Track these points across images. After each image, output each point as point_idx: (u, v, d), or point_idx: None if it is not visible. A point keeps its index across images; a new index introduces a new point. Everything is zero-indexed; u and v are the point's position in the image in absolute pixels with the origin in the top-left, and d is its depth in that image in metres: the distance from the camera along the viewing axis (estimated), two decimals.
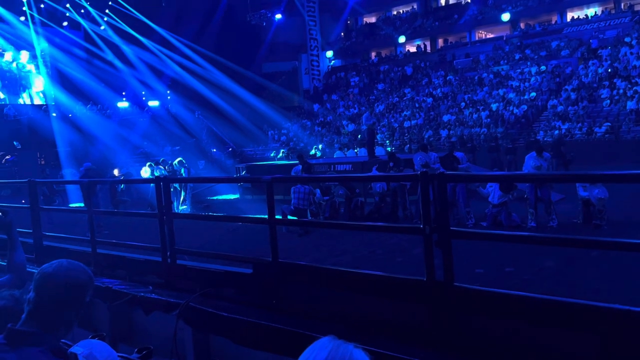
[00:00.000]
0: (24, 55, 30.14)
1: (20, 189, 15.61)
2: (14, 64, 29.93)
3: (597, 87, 27.25)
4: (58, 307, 1.87)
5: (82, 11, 32.94)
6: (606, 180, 8.40)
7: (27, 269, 3.08)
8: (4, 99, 29.31)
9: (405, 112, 33.23)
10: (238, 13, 42.68)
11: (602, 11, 35.45)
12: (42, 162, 25.92)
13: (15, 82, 30.07)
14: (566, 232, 9.13)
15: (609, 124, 23.88)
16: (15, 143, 26.25)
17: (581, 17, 35.70)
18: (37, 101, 30.51)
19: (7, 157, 25.29)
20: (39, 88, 30.67)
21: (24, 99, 30.15)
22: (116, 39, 32.98)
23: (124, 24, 32.91)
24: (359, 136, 29.92)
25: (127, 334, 4.97)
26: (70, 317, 1.91)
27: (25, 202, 8.61)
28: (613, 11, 34.55)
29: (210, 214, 13.04)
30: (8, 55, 29.64)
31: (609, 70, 27.69)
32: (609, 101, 25.70)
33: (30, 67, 30.43)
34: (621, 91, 25.68)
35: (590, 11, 36.14)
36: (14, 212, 7.48)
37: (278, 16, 44.30)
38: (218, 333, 4.24)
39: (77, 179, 13.85)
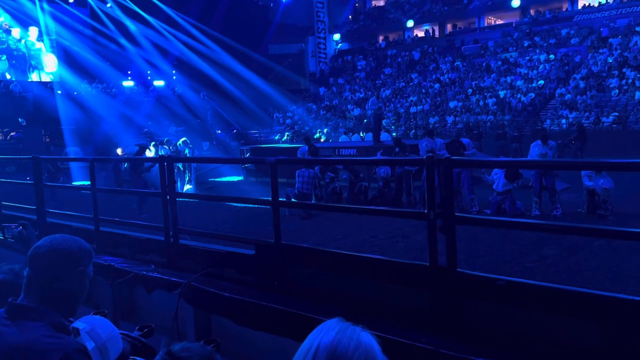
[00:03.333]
0: (33, 31, 28.96)
1: (25, 165, 15.65)
2: (22, 42, 28.88)
3: (606, 76, 26.97)
4: (51, 278, 1.86)
5: None
6: (611, 168, 8.36)
7: None
8: (11, 79, 28.69)
9: (411, 98, 33.03)
10: None
11: None
12: (47, 140, 25.94)
13: (24, 62, 28.97)
14: (570, 222, 9.10)
15: (616, 113, 23.70)
16: (20, 120, 26.25)
17: (592, 4, 35.19)
18: (46, 79, 29.93)
19: (12, 133, 25.33)
20: (50, 69, 29.53)
21: (33, 80, 29.31)
22: (122, 17, 32.74)
23: (130, 2, 32.63)
24: (365, 121, 29.80)
25: (128, 312, 4.99)
26: (66, 289, 1.89)
27: (29, 178, 8.62)
28: None
29: (214, 195, 13.05)
30: (16, 32, 28.52)
31: (619, 59, 27.38)
32: (617, 91, 25.46)
33: (40, 45, 29.32)
34: (630, 81, 25.42)
35: None
36: (18, 188, 7.46)
37: None
38: (219, 313, 4.26)
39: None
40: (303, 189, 11.18)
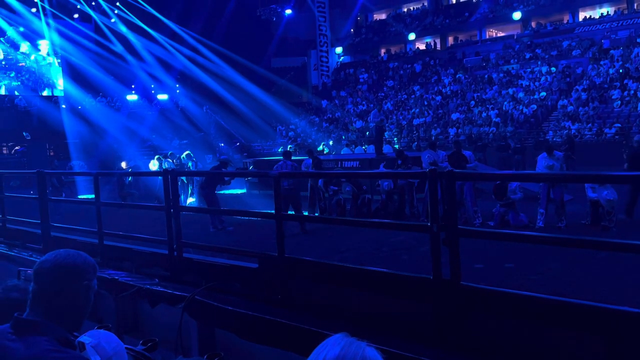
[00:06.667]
0: (44, 45, 28.33)
1: (30, 179, 15.71)
2: (32, 57, 28.19)
3: (607, 87, 27.01)
4: (56, 293, 1.87)
5: (93, 3, 33.04)
6: (615, 181, 8.34)
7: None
8: (20, 97, 28.09)
9: (413, 110, 33.11)
10: (248, 7, 42.67)
11: (615, 11, 35.11)
12: (51, 154, 26.06)
13: (35, 78, 28.06)
14: (574, 234, 9.07)
15: (619, 125, 23.68)
16: (24, 134, 26.39)
17: (593, 16, 35.37)
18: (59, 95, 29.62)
19: (17, 147, 25.46)
20: (60, 85, 28.89)
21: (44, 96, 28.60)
22: (126, 32, 33.04)
23: (134, 17, 32.96)
24: (367, 133, 29.85)
25: (132, 326, 4.98)
26: (71, 303, 1.90)
27: (33, 192, 8.66)
28: (626, 11, 34.21)
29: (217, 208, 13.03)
30: (24, 47, 27.88)
31: (620, 71, 27.43)
32: (619, 102, 25.47)
33: (52, 59, 28.66)
34: (632, 92, 25.44)
35: (603, 11, 35.81)
36: (22, 202, 7.46)
37: (288, 11, 44.23)
38: (223, 327, 4.25)
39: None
40: (285, 185, 10.82)
